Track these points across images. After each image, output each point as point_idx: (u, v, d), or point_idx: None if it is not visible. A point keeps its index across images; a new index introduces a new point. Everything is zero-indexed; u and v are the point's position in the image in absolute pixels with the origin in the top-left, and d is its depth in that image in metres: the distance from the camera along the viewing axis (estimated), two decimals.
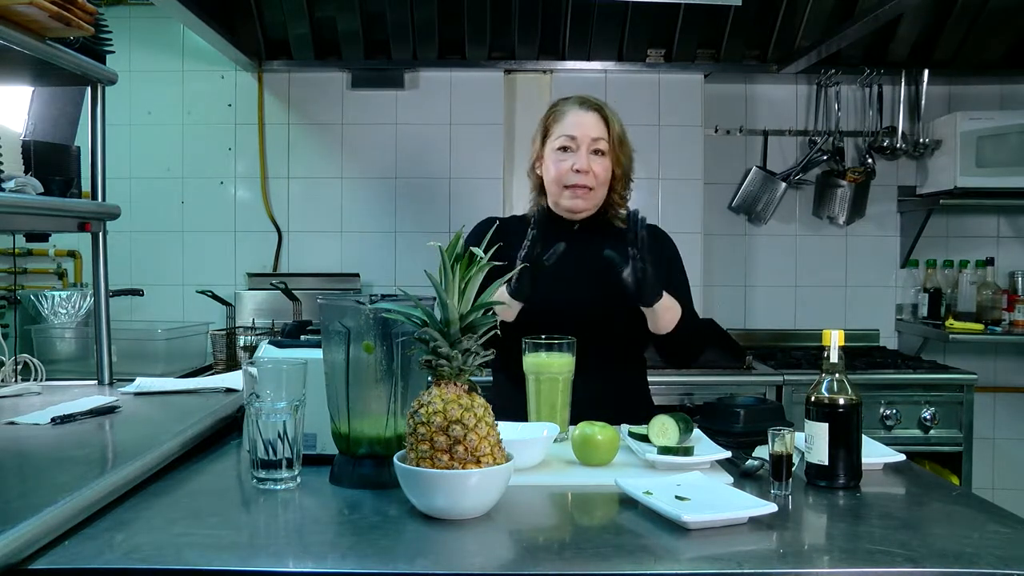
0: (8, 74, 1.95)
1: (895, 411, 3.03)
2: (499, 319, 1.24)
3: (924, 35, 3.38)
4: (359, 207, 3.57)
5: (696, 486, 1.26)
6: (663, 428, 1.48)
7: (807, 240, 3.71)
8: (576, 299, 1.88)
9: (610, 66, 3.50)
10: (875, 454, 1.48)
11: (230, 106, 3.56)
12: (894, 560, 1.02)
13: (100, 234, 2.07)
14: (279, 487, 1.28)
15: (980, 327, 3.40)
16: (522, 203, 2.08)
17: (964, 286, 3.57)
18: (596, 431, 1.43)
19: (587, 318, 1.85)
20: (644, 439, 1.50)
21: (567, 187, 1.91)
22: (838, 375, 1.36)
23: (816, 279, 3.70)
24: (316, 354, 1.37)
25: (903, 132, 3.56)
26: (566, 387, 1.65)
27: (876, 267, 3.70)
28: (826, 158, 3.61)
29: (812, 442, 1.35)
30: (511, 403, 1.68)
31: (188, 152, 3.56)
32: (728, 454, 1.43)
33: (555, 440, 1.53)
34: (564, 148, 1.92)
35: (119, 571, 0.98)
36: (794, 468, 1.32)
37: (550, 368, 1.64)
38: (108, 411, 1.67)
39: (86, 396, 1.81)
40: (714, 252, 3.66)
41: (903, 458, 1.48)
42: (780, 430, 1.29)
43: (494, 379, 2.01)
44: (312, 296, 3.33)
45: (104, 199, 2.08)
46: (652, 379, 2.08)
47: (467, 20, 3.29)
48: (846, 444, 1.33)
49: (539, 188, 2.01)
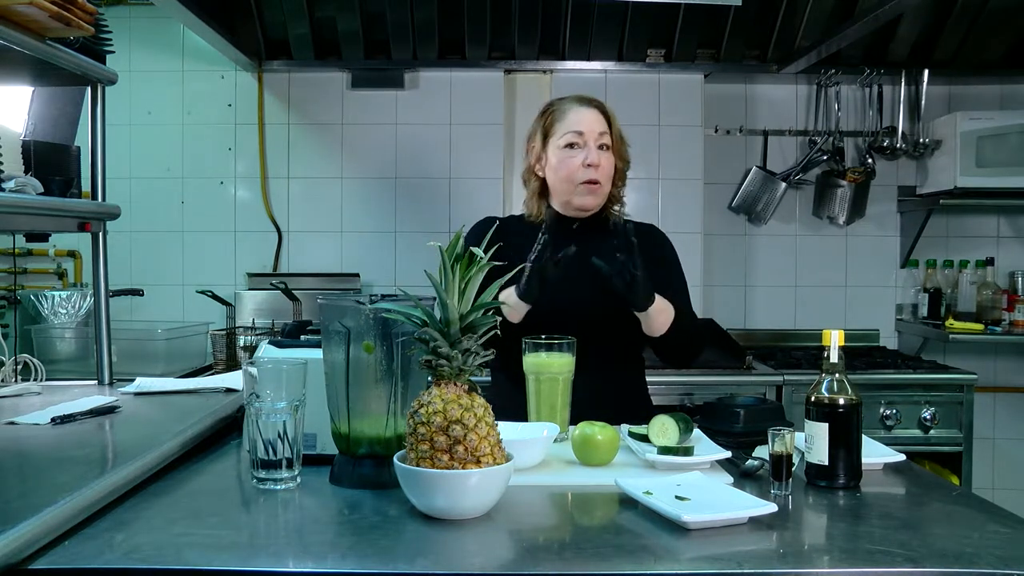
0: (8, 74, 1.95)
1: (895, 411, 3.03)
2: (500, 320, 1.24)
3: (924, 35, 3.38)
4: (359, 207, 3.57)
5: (696, 486, 1.26)
6: (663, 428, 1.48)
7: (807, 240, 3.71)
8: (577, 299, 1.88)
9: (610, 66, 3.50)
10: (875, 454, 1.48)
11: (230, 106, 3.56)
12: (894, 560, 1.02)
13: (100, 234, 2.07)
14: (279, 487, 1.28)
15: (980, 327, 3.40)
16: (522, 203, 2.07)
17: (964, 286, 3.57)
18: (596, 431, 1.43)
19: (588, 317, 1.85)
20: (644, 439, 1.50)
21: (580, 184, 1.90)
22: (838, 375, 1.36)
23: (816, 279, 3.70)
24: (316, 354, 1.37)
25: (903, 132, 3.56)
26: (566, 387, 1.65)
27: (876, 267, 3.71)
28: (826, 158, 3.61)
29: (812, 442, 1.35)
30: (511, 403, 1.68)
31: (188, 152, 3.57)
32: (728, 454, 1.43)
33: (555, 440, 1.53)
34: (571, 145, 1.91)
35: (119, 571, 0.98)
36: (794, 468, 1.32)
37: (550, 368, 1.64)
38: (108, 411, 1.67)
39: (86, 396, 1.81)
40: (714, 252, 3.66)
41: (903, 458, 1.48)
42: (780, 430, 1.29)
43: (493, 379, 2.01)
44: (312, 296, 3.33)
45: (104, 199, 2.08)
46: (652, 379, 2.08)
47: (467, 20, 3.29)
48: (846, 444, 1.33)
49: (539, 191, 1.99)
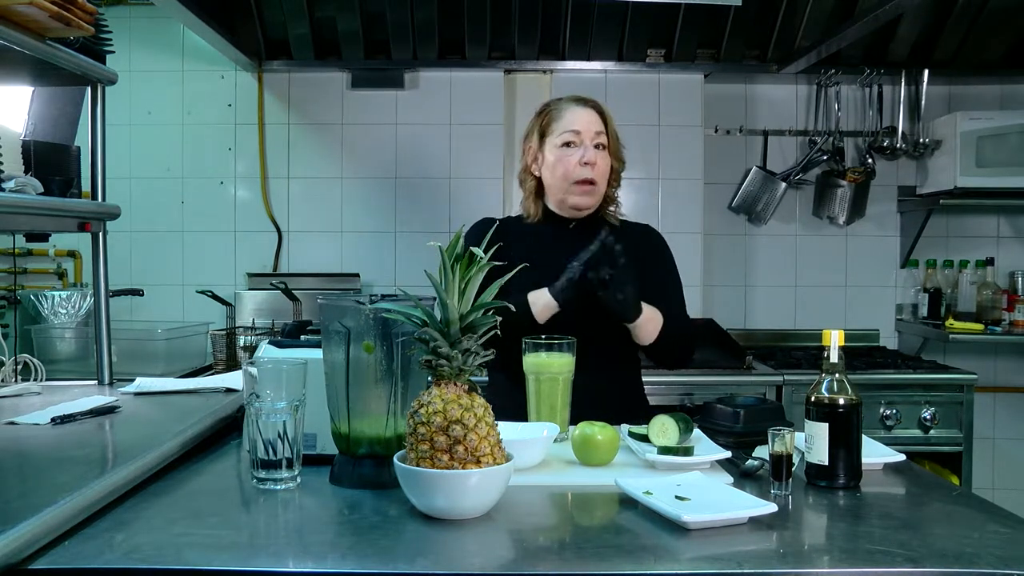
0: (8, 74, 1.95)
1: (895, 411, 3.03)
2: (501, 320, 1.24)
3: (924, 35, 3.38)
4: (359, 207, 3.57)
5: (696, 486, 1.26)
6: (663, 428, 1.48)
7: (807, 240, 3.71)
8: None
9: (610, 66, 3.50)
10: (875, 454, 1.48)
11: (230, 106, 3.56)
12: (894, 560, 1.02)
13: (100, 234, 2.07)
14: (279, 487, 1.28)
15: (980, 327, 3.40)
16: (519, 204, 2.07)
17: (964, 286, 3.57)
18: (596, 431, 1.43)
19: (587, 317, 1.85)
20: (644, 439, 1.50)
21: (576, 183, 1.91)
22: (838, 375, 1.36)
23: (816, 279, 3.70)
24: (316, 354, 1.37)
25: (903, 132, 3.56)
26: (566, 387, 1.65)
27: (876, 267, 3.70)
28: (826, 158, 3.61)
29: (812, 442, 1.35)
30: (510, 403, 1.67)
31: (188, 152, 3.57)
32: (728, 454, 1.43)
33: (555, 440, 1.53)
34: (568, 144, 1.92)
35: (119, 571, 0.98)
36: (794, 468, 1.32)
37: (550, 368, 1.64)
38: (108, 411, 1.67)
39: (86, 396, 1.81)
40: (714, 252, 3.66)
41: (903, 458, 1.48)
42: (780, 430, 1.29)
43: (491, 379, 2.01)
44: (312, 296, 3.33)
45: (104, 199, 2.08)
46: (652, 379, 2.08)
47: (467, 20, 3.29)
48: (846, 444, 1.33)
49: (535, 190, 2.00)
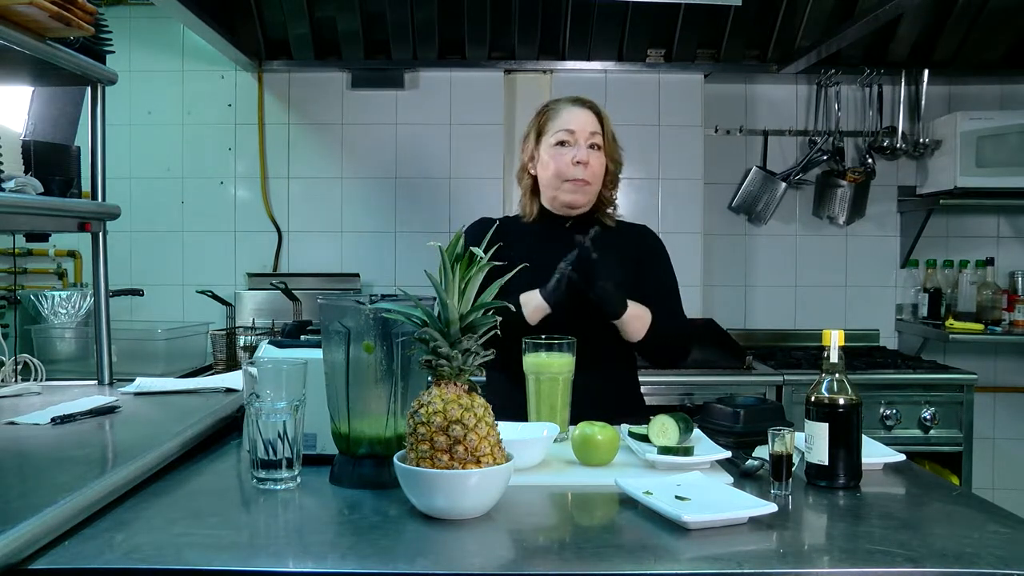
0: (8, 74, 1.95)
1: (895, 411, 3.03)
2: (501, 320, 1.24)
3: (924, 35, 3.38)
4: (359, 207, 3.57)
5: (696, 486, 1.26)
6: (663, 428, 1.48)
7: (807, 240, 3.71)
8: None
9: (610, 66, 3.50)
10: (875, 454, 1.48)
11: (230, 106, 3.56)
12: (894, 560, 1.02)
13: (100, 234, 2.07)
14: (279, 487, 1.28)
15: (980, 327, 3.40)
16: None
17: (964, 286, 3.57)
18: (596, 431, 1.43)
19: (578, 317, 1.85)
20: (644, 439, 1.50)
21: (567, 181, 1.93)
22: (838, 375, 1.36)
23: (816, 279, 3.70)
24: (316, 354, 1.37)
25: (903, 132, 3.56)
26: (566, 387, 1.65)
27: (876, 267, 3.70)
28: (826, 158, 3.61)
29: (812, 442, 1.35)
30: (509, 403, 1.67)
31: (188, 152, 3.57)
32: (728, 454, 1.43)
33: (555, 440, 1.53)
34: (562, 143, 1.94)
35: (119, 571, 0.98)
36: (794, 468, 1.32)
37: (550, 368, 1.64)
38: (108, 411, 1.67)
39: (86, 396, 1.81)
40: (714, 252, 3.66)
41: (903, 458, 1.48)
42: (780, 430, 1.29)
43: (488, 378, 2.00)
44: (312, 296, 3.33)
45: (104, 199, 2.08)
46: (652, 379, 2.08)
47: (467, 20, 3.29)
48: (846, 444, 1.33)
49: (531, 189, 2.03)
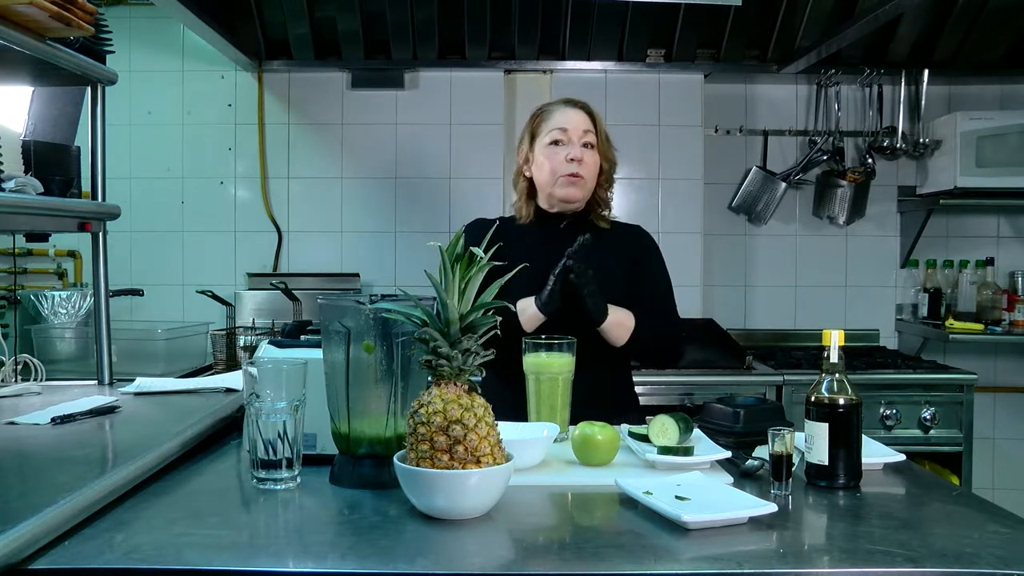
0: (8, 74, 1.95)
1: (895, 411, 3.03)
2: (501, 320, 1.24)
3: (924, 35, 3.38)
4: (359, 207, 3.57)
5: (696, 486, 1.26)
6: (663, 428, 1.48)
7: (807, 240, 3.70)
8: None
9: (610, 66, 3.50)
10: (875, 454, 1.48)
11: (230, 106, 3.56)
12: (894, 560, 1.02)
13: (100, 234, 2.07)
14: (279, 487, 1.28)
15: (980, 327, 3.40)
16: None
17: (964, 286, 3.57)
18: (596, 431, 1.43)
19: (568, 322, 1.85)
20: (644, 439, 1.50)
21: (562, 176, 1.94)
22: (838, 375, 1.36)
23: (816, 279, 3.70)
24: (316, 354, 1.37)
25: (903, 132, 3.56)
26: (566, 387, 1.65)
27: (876, 267, 3.70)
28: (826, 158, 3.61)
29: (812, 442, 1.35)
30: (509, 403, 1.67)
31: (188, 152, 3.56)
32: (728, 454, 1.43)
33: (555, 440, 1.53)
34: (556, 142, 1.96)
35: (119, 571, 0.98)
36: (794, 468, 1.32)
37: (550, 368, 1.64)
38: (108, 411, 1.67)
39: (86, 396, 1.81)
40: (714, 252, 3.66)
41: (903, 458, 1.48)
42: (780, 430, 1.29)
43: (486, 378, 2.00)
44: (312, 296, 3.33)
45: (104, 199, 2.08)
46: (652, 379, 2.09)
47: (467, 20, 3.29)
48: (846, 444, 1.33)
49: (527, 191, 2.04)
